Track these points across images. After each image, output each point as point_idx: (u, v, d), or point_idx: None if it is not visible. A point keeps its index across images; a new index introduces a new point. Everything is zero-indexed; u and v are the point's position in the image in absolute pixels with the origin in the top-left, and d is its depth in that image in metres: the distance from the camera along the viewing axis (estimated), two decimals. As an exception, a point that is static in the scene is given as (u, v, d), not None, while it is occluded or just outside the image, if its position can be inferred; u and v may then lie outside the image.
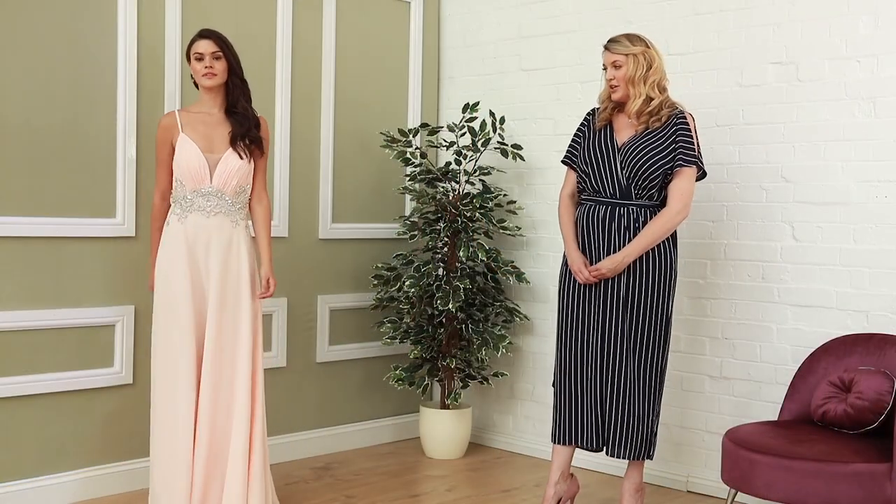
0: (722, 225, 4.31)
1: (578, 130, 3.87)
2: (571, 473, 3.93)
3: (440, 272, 4.90)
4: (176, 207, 3.67)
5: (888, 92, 3.86)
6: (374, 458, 4.88)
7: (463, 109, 4.88)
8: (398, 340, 4.86)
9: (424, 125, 5.06)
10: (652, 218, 3.65)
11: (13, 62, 3.85)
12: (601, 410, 3.72)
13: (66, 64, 3.99)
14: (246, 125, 3.72)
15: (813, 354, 3.87)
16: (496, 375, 4.93)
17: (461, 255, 4.69)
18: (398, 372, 4.86)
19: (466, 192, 4.89)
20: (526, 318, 4.94)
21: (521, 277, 4.84)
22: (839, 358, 3.77)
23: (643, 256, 3.64)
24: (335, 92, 4.90)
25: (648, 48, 3.66)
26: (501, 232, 4.88)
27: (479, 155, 4.91)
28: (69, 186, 4.01)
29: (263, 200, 3.85)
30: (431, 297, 4.78)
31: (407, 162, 4.91)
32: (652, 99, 3.65)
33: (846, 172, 3.97)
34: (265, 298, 3.82)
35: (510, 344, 4.84)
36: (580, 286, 3.73)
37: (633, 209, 3.67)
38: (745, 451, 3.48)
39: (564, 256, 3.81)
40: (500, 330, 4.81)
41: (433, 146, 5.11)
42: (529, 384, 5.02)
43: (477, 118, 4.94)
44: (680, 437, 4.45)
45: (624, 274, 3.65)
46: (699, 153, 3.69)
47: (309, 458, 4.82)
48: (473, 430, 5.15)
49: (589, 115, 3.87)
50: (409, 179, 5.00)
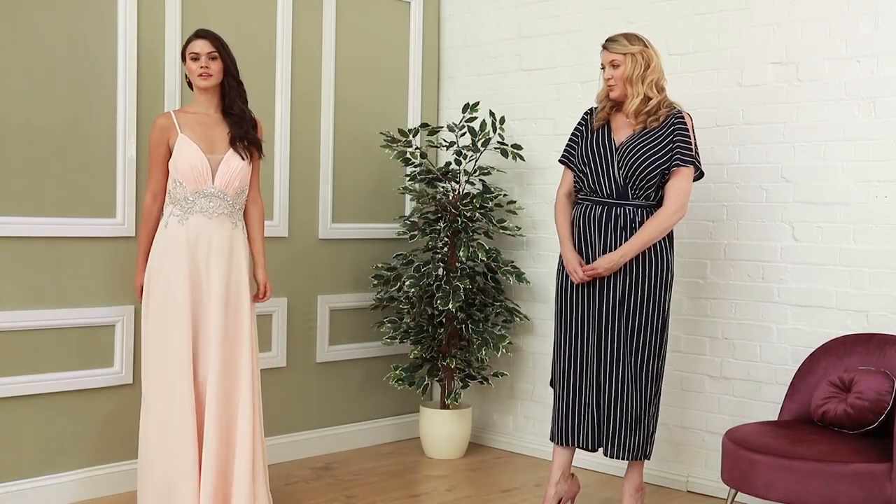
0: (722, 225, 4.31)
1: (576, 129, 3.86)
2: (572, 473, 3.93)
3: (440, 272, 4.90)
4: (175, 209, 3.64)
5: (888, 92, 3.87)
6: (374, 458, 4.88)
7: (463, 109, 4.88)
8: (398, 340, 4.86)
9: (424, 125, 5.06)
10: (649, 218, 3.65)
11: (13, 62, 3.85)
12: (598, 410, 3.71)
13: (66, 64, 3.99)
14: (245, 126, 3.71)
15: (813, 354, 3.87)
16: (496, 375, 4.93)
17: (461, 255, 4.69)
18: (398, 372, 4.86)
19: (466, 192, 4.89)
20: (526, 318, 4.94)
21: (521, 277, 4.84)
22: (839, 358, 3.77)
23: (639, 256, 3.64)
24: (335, 92, 4.90)
25: (647, 48, 3.66)
26: (501, 232, 4.88)
27: (479, 155, 4.91)
28: (69, 186, 4.01)
29: (258, 202, 3.84)
30: (431, 297, 4.78)
31: (407, 162, 4.91)
32: (650, 98, 3.65)
33: (846, 172, 3.97)
34: (260, 301, 3.83)
35: (510, 344, 4.84)
36: (577, 286, 3.73)
37: (629, 209, 3.66)
38: (745, 451, 3.48)
39: (561, 256, 3.81)
40: (500, 330, 4.81)
41: (433, 146, 5.11)
42: (529, 384, 5.02)
43: (477, 118, 4.94)
44: (680, 437, 4.45)
45: (620, 274, 3.65)
46: (697, 153, 3.69)
47: (309, 458, 4.82)
48: (473, 430, 5.15)
49: (587, 114, 3.86)
50: (409, 179, 5.00)
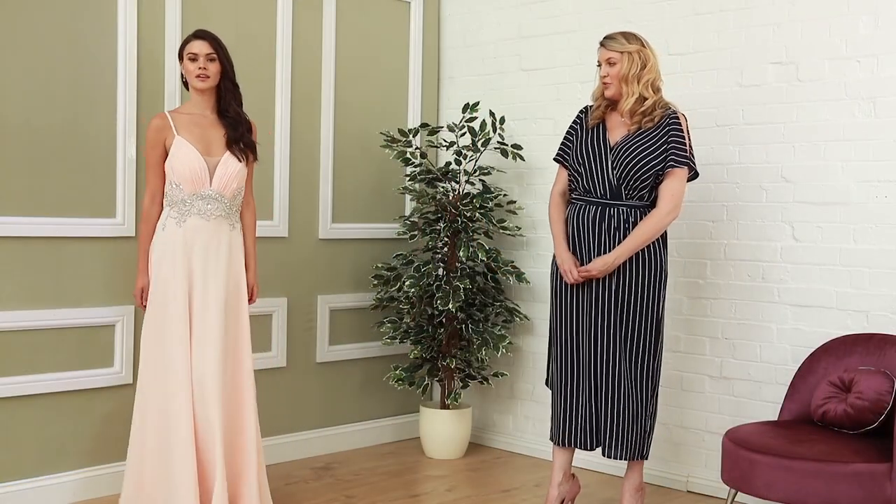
0: (722, 225, 4.31)
1: (571, 128, 3.85)
2: (573, 474, 3.93)
3: (440, 272, 4.90)
4: (173, 211, 3.64)
5: (888, 92, 3.86)
6: (374, 458, 4.88)
7: (463, 109, 4.88)
8: (398, 340, 4.86)
9: (424, 125, 5.06)
10: (642, 218, 3.65)
11: (13, 62, 3.85)
12: (595, 410, 3.72)
13: (66, 64, 3.99)
14: (241, 129, 3.71)
15: (813, 354, 3.87)
16: (496, 375, 4.93)
17: (461, 255, 4.69)
18: (398, 372, 4.86)
19: (466, 192, 4.89)
20: (526, 318, 4.94)
21: (521, 277, 4.83)
22: (839, 358, 3.77)
23: (633, 257, 3.63)
24: (335, 92, 4.90)
25: (644, 47, 3.65)
26: (501, 232, 4.88)
27: (479, 155, 4.91)
28: (69, 186, 4.01)
29: (251, 205, 3.85)
30: (431, 297, 4.78)
31: (407, 162, 4.91)
32: (645, 99, 3.65)
33: (846, 172, 3.97)
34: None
35: (510, 344, 4.84)
36: (571, 286, 3.73)
37: (623, 209, 3.66)
38: (745, 451, 3.48)
39: (555, 256, 3.81)
40: (500, 330, 4.81)
41: (433, 146, 5.11)
42: (529, 384, 5.02)
43: (477, 118, 4.94)
44: (680, 437, 4.45)
45: (614, 274, 3.64)
46: (691, 154, 3.69)
47: (309, 458, 4.82)
48: (473, 430, 5.15)
49: (582, 112, 3.85)
50: (409, 179, 5.00)
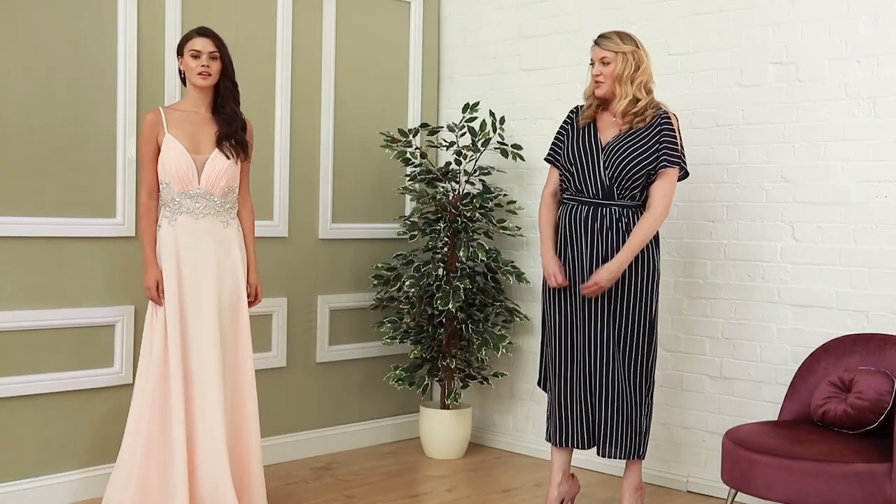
0: (722, 225, 4.31)
1: (561, 128, 3.85)
2: (572, 474, 3.93)
3: (440, 272, 4.89)
4: (165, 210, 3.65)
5: (888, 92, 3.86)
6: (374, 458, 4.88)
7: (463, 109, 4.88)
8: (398, 340, 4.86)
9: (424, 125, 5.06)
10: (634, 218, 3.65)
11: (13, 62, 3.85)
12: (589, 410, 3.72)
13: (66, 64, 3.98)
14: (233, 125, 3.70)
15: (813, 354, 3.87)
16: (496, 375, 4.93)
17: (461, 255, 4.69)
18: (398, 372, 4.86)
19: (466, 192, 4.89)
20: (526, 318, 4.94)
21: (521, 277, 4.83)
22: (839, 358, 3.77)
23: None
24: (335, 92, 4.90)
25: (638, 48, 3.65)
26: (501, 232, 4.88)
27: (479, 155, 4.91)
28: (69, 186, 4.01)
29: (248, 203, 3.84)
30: (431, 297, 4.78)
31: (407, 162, 4.91)
32: (638, 100, 3.65)
33: (846, 172, 3.97)
34: (252, 305, 3.85)
35: (510, 344, 4.84)
36: (565, 287, 3.73)
37: (615, 209, 3.66)
38: (745, 451, 3.48)
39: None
40: (500, 330, 4.81)
41: (433, 146, 5.11)
42: (529, 384, 5.02)
43: (477, 118, 4.94)
44: (680, 437, 4.45)
45: None
46: (682, 154, 3.69)
47: (309, 458, 4.82)
48: (473, 430, 5.15)
49: (572, 112, 3.85)
50: (409, 179, 5.00)
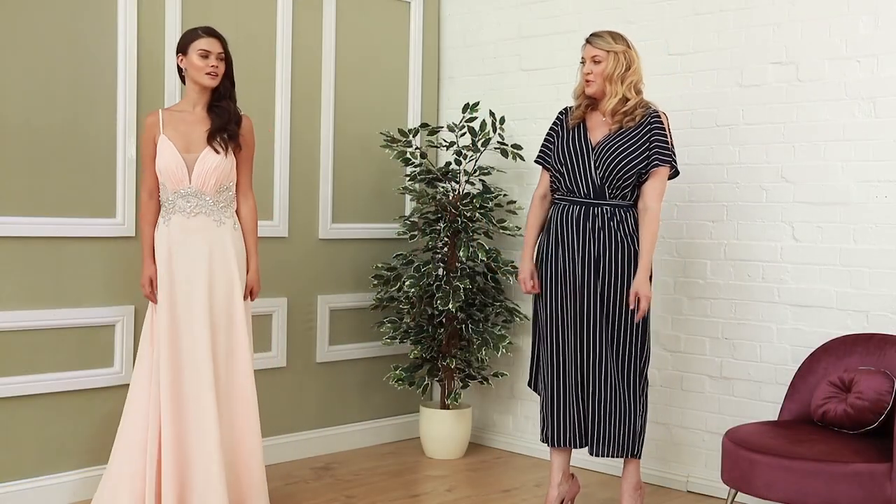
0: (722, 225, 4.31)
1: (551, 129, 3.86)
2: (572, 474, 3.93)
3: (440, 272, 4.89)
4: (162, 210, 3.70)
5: (888, 92, 3.86)
6: (374, 458, 4.88)
7: (463, 109, 4.88)
8: (398, 340, 4.86)
9: (424, 125, 5.06)
10: (626, 217, 3.66)
11: (13, 62, 3.85)
12: (583, 409, 3.73)
13: (66, 64, 3.98)
14: (224, 118, 3.69)
15: (813, 354, 3.87)
16: (496, 375, 4.93)
17: (461, 255, 4.69)
18: (398, 372, 4.86)
19: (466, 192, 4.89)
20: (526, 318, 4.93)
21: (521, 277, 4.83)
22: (839, 358, 3.77)
23: (617, 256, 3.65)
24: (335, 92, 4.90)
25: (629, 49, 3.66)
26: (501, 232, 4.88)
27: (479, 155, 4.91)
28: (69, 186, 4.01)
29: (249, 200, 3.81)
30: (431, 297, 4.78)
31: (407, 162, 4.91)
32: (628, 100, 3.66)
33: (846, 172, 3.97)
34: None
35: (510, 344, 4.84)
36: (556, 286, 3.73)
37: (606, 209, 3.67)
38: (745, 451, 3.48)
39: (540, 256, 3.81)
40: (500, 330, 4.81)
41: (433, 146, 5.11)
42: (529, 384, 5.02)
43: (477, 118, 4.94)
44: (680, 437, 4.45)
45: (600, 273, 3.65)
46: (673, 152, 3.70)
47: (309, 458, 4.82)
48: (473, 430, 5.15)
49: (561, 113, 3.85)
50: (409, 179, 5.00)
